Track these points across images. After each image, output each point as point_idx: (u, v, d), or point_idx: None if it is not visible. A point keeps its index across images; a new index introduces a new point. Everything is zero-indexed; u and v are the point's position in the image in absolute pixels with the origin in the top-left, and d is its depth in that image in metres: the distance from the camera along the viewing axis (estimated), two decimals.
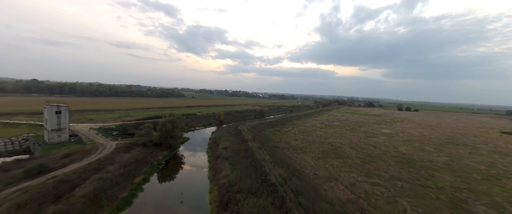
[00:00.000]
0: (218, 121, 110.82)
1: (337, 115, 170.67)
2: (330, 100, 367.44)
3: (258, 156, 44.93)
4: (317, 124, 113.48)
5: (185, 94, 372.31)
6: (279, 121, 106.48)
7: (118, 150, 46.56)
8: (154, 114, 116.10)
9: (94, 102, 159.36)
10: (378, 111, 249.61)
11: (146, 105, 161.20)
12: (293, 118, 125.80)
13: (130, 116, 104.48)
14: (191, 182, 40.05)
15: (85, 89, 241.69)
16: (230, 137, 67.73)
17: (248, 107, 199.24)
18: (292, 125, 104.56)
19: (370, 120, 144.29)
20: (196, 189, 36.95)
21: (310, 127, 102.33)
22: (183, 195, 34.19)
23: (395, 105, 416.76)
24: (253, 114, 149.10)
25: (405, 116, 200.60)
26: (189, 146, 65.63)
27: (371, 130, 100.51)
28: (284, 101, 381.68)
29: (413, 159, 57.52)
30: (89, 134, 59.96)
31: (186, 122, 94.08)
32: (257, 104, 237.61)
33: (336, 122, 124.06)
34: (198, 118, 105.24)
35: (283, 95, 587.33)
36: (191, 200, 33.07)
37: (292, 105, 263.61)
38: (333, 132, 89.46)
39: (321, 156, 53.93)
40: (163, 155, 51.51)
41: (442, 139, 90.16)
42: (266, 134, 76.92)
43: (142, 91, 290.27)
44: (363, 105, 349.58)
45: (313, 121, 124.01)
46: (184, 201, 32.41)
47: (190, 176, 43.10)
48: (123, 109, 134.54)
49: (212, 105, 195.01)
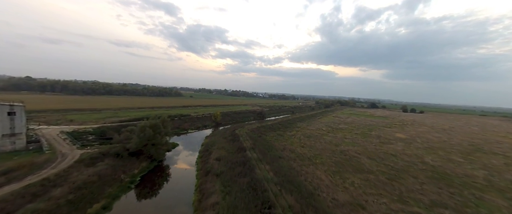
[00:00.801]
0: (215, 123, 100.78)
1: (342, 117, 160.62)
2: (332, 101, 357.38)
3: (259, 172, 34.85)
4: (323, 127, 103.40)
5: (183, 94, 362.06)
6: (281, 124, 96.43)
7: (79, 162, 36.45)
8: (145, 114, 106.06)
9: (83, 101, 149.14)
10: (383, 113, 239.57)
11: (139, 104, 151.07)
12: (296, 120, 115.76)
13: (118, 116, 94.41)
14: (170, 210, 30.00)
15: (78, 87, 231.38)
16: (226, 143, 57.72)
17: (248, 107, 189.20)
18: (296, 128, 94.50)
19: (378, 123, 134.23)
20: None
21: (316, 130, 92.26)
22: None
23: (398, 106, 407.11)
24: (252, 115, 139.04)
25: (413, 118, 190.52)
26: (177, 154, 55.49)
27: (384, 135, 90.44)
28: (285, 101, 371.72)
29: (447, 173, 47.47)
30: (55, 139, 49.82)
31: (178, 124, 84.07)
32: (257, 104, 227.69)
33: (343, 125, 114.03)
34: (192, 119, 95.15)
35: (284, 95, 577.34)
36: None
37: (294, 106, 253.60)
38: (342, 137, 79.35)
39: (336, 170, 43.83)
40: (140, 167, 41.43)
41: (464, 145, 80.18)
42: (267, 139, 66.88)
43: (138, 90, 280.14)
44: (366, 106, 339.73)
45: (318, 124, 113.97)
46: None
47: (170, 199, 33.03)
48: (113, 108, 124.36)
49: (209, 105, 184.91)
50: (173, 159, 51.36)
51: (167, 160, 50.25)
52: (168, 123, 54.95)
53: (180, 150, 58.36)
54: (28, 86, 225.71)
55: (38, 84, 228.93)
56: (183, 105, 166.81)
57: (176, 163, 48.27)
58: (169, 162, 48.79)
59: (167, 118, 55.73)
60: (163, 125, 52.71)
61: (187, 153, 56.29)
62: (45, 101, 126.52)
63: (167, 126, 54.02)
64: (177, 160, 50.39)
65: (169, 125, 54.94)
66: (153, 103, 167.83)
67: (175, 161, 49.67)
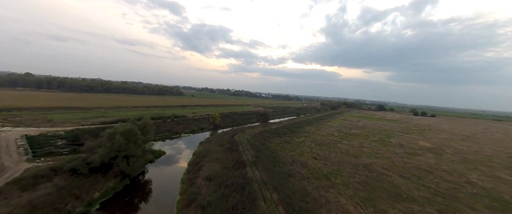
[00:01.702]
0: (213, 125, 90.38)
1: (352, 120, 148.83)
2: (338, 103, 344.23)
3: (263, 207, 24.16)
4: (334, 131, 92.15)
5: (184, 93, 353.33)
6: (287, 128, 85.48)
7: (14, 184, 26.23)
8: (138, 113, 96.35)
9: (76, 99, 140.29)
10: (393, 116, 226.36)
11: (135, 103, 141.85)
12: (303, 123, 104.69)
13: (106, 116, 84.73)
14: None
15: (74, 84, 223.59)
16: (222, 152, 47.17)
17: (251, 107, 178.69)
18: (304, 133, 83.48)
19: (393, 127, 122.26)
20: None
21: (327, 136, 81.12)
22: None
23: (405, 109, 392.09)
24: (255, 116, 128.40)
25: (427, 122, 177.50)
26: (161, 165, 45.05)
27: (406, 143, 78.83)
28: (289, 102, 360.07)
29: (506, 200, 36.14)
30: (8, 146, 39.83)
31: (170, 127, 73.87)
32: (260, 105, 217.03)
33: (356, 129, 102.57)
34: (188, 121, 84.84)
35: (287, 96, 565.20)
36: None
37: (298, 107, 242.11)
38: (359, 145, 68.11)
39: (365, 196, 32.84)
40: (105, 188, 31.07)
41: (502, 157, 68.24)
42: (272, 147, 56.13)
43: (137, 88, 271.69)
44: (374, 108, 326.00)
45: (327, 128, 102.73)
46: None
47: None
48: (105, 107, 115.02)
49: (210, 105, 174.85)
50: (154, 173, 40.92)
51: (147, 174, 39.92)
52: (151, 126, 44.52)
53: (166, 161, 47.92)
54: (25, 83, 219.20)
55: (35, 80, 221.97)
56: (182, 105, 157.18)
57: (156, 181, 37.79)
58: (148, 178, 38.39)
59: (150, 121, 45.25)
60: (144, 129, 42.34)
61: (174, 166, 45.80)
62: (33, 99, 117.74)
63: (149, 131, 43.63)
64: (159, 176, 39.89)
65: (152, 129, 44.50)
66: (150, 102, 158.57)
67: (156, 177, 39.19)
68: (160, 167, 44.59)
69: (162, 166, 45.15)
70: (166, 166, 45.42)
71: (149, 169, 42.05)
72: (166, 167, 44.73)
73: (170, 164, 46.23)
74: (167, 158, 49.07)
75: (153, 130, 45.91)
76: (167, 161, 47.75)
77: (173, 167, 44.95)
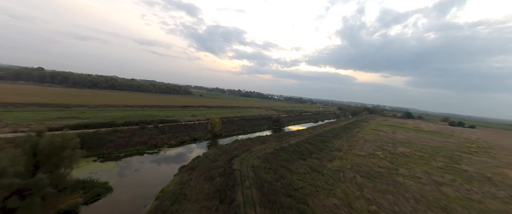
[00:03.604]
0: (211, 134, 69.09)
1: (385, 130, 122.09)
2: (359, 108, 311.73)
3: None
4: (376, 149, 67.58)
5: (192, 92, 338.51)
6: (310, 142, 62.36)
7: None
8: (125, 114, 77.92)
9: (68, 94, 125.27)
10: (427, 126, 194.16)
11: (129, 102, 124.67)
12: (328, 135, 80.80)
13: (80, 117, 66.24)
14: None
15: (78, 79, 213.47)
16: (206, 198, 25.47)
17: (261, 110, 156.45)
18: (335, 150, 59.83)
19: (444, 144, 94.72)
20: None
21: (370, 157, 57.05)
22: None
23: (436, 117, 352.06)
24: (267, 122, 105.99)
25: (475, 136, 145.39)
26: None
27: (489, 172, 52.73)
28: (303, 105, 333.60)
29: None
30: None
31: (149, 137, 53.30)
32: (272, 107, 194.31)
33: (401, 146, 77.08)
34: (177, 128, 64.05)
35: (301, 99, 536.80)
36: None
37: (314, 111, 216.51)
38: (429, 180, 43.57)
39: None
40: None
41: None
42: (294, 182, 33.67)
43: (143, 85, 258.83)
44: (400, 116, 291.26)
45: (362, 142, 78.16)
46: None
47: None
48: (89, 105, 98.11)
49: (216, 106, 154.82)
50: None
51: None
52: (68, 148, 23.49)
53: (106, 206, 26.82)
54: (28, 77, 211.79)
55: (38, 74, 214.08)
56: (184, 105, 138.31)
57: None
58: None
59: (71, 136, 24.36)
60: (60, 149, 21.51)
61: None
62: (13, 93, 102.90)
63: (68, 154, 22.67)
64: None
65: (69, 153, 23.48)
66: (148, 101, 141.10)
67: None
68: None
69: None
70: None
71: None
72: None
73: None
74: (110, 201, 27.87)
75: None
76: (106, 206, 26.55)
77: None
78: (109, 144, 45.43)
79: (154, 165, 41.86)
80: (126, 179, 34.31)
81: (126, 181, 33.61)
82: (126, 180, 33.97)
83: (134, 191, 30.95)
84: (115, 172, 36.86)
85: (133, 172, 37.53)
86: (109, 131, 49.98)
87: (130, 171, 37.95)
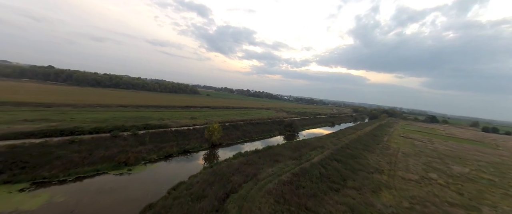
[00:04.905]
0: (209, 144, 54.60)
1: (417, 138, 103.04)
2: (378, 111, 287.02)
3: None
4: (427, 170, 50.59)
5: (199, 92, 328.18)
6: (338, 159, 46.43)
7: None
8: (113, 116, 65.69)
9: (59, 92, 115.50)
10: (460, 132, 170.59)
11: (125, 101, 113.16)
12: (356, 145, 64.30)
13: (52, 119, 54.08)
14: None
15: (81, 77, 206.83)
16: None
17: (271, 112, 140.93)
18: (375, 172, 43.58)
19: (502, 159, 75.41)
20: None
21: (423, 182, 40.54)
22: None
23: (462, 122, 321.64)
24: (277, 126, 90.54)
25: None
26: None
27: None
28: (315, 107, 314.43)
29: None
30: None
31: (120, 148, 39.45)
32: (282, 108, 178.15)
33: (452, 163, 59.28)
34: (163, 136, 49.98)
35: (312, 99, 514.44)
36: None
37: (329, 114, 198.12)
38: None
39: None
40: None
41: None
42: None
43: (148, 84, 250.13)
44: (423, 119, 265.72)
45: (401, 157, 61.02)
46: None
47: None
48: (80, 104, 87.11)
49: (222, 107, 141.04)
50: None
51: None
52: None
53: None
54: (33, 74, 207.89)
55: (43, 72, 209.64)
56: (185, 106, 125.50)
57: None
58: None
59: None
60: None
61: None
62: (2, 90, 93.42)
63: None
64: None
65: None
66: (147, 101, 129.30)
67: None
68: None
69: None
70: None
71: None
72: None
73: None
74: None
75: None
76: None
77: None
78: (56, 162, 31.90)
79: (110, 199, 27.70)
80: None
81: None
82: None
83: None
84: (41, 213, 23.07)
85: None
86: (65, 141, 36.59)
87: (67, 211, 24.01)
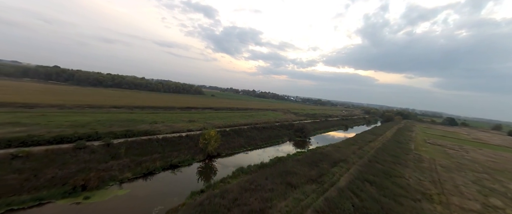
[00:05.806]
0: (204, 154, 44.69)
1: (446, 145, 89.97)
2: (392, 112, 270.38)
3: None
4: (483, 192, 39.11)
5: (204, 92, 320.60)
6: (369, 179, 35.58)
7: None
8: (99, 118, 57.02)
9: (53, 92, 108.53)
10: (487, 137, 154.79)
11: (120, 102, 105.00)
12: (385, 157, 53.06)
13: (37, 123, 45.69)
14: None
15: (83, 77, 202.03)
16: None
17: (278, 114, 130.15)
18: (423, 200, 32.57)
19: None
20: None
21: (486, 213, 29.36)
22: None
23: (481, 124, 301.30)
24: (286, 131, 79.85)
25: None
26: None
27: None
28: (323, 108, 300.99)
29: None
30: None
31: (83, 165, 29.84)
32: (289, 110, 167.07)
33: (506, 180, 47.43)
34: (146, 146, 40.32)
35: (320, 100, 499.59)
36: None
37: (340, 116, 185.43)
38: None
39: None
40: None
41: None
42: None
43: (151, 84, 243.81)
44: (440, 122, 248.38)
45: (441, 172, 49.35)
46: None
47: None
48: (71, 105, 79.58)
49: (225, 108, 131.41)
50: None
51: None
52: None
53: None
54: (36, 74, 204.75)
55: (45, 72, 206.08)
56: (186, 107, 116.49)
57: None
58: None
59: None
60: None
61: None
62: None
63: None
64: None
65: None
66: (146, 101, 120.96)
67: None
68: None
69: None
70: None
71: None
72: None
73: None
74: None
75: None
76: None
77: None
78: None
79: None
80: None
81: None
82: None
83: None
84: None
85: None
86: (6, 156, 27.32)
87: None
